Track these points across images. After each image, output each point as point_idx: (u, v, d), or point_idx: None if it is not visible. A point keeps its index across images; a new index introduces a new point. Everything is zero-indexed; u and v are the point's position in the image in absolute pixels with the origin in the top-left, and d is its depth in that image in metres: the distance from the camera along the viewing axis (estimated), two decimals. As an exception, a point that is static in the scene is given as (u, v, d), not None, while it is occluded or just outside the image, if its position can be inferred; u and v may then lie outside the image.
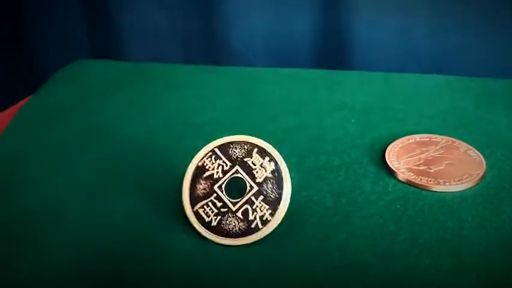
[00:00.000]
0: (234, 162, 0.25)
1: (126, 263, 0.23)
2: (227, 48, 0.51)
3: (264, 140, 0.25)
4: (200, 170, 0.25)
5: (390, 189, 0.27)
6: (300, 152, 0.30)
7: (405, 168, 0.28)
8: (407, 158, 0.29)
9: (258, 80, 0.38)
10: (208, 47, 0.52)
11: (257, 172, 0.25)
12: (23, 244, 0.25)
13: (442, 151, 0.29)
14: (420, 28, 0.47)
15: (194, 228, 0.25)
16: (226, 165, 0.25)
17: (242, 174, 0.25)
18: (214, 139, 0.25)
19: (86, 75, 0.40)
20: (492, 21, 0.45)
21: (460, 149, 0.29)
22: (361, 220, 0.25)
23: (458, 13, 0.45)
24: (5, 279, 0.23)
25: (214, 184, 0.25)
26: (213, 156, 0.25)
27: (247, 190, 0.25)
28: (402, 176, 0.27)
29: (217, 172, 0.25)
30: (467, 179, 0.27)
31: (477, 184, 0.27)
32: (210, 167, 0.25)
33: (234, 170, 0.25)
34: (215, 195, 0.25)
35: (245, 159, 0.25)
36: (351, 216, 0.25)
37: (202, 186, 0.25)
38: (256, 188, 0.24)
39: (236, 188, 0.25)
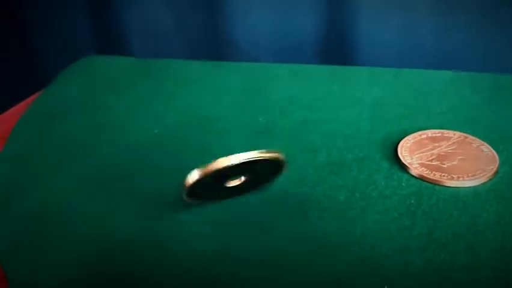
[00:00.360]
0: None
1: (126, 264, 0.23)
2: (231, 46, 0.51)
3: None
4: None
5: (403, 184, 0.27)
6: (313, 147, 0.30)
7: (418, 163, 0.28)
8: (419, 153, 0.28)
9: (268, 75, 0.38)
10: (213, 44, 0.51)
11: None
12: (23, 244, 0.24)
13: (455, 146, 0.29)
14: (423, 27, 0.47)
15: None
16: None
17: None
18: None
19: (94, 72, 0.40)
20: (493, 20, 0.45)
21: (473, 145, 0.29)
22: (376, 215, 0.25)
23: (461, 12, 0.45)
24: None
25: None
26: None
27: None
28: (415, 171, 0.27)
29: None
30: (481, 175, 0.27)
31: (490, 179, 0.27)
32: None
33: None
34: None
35: None
36: (366, 211, 0.25)
37: None
38: None
39: None
